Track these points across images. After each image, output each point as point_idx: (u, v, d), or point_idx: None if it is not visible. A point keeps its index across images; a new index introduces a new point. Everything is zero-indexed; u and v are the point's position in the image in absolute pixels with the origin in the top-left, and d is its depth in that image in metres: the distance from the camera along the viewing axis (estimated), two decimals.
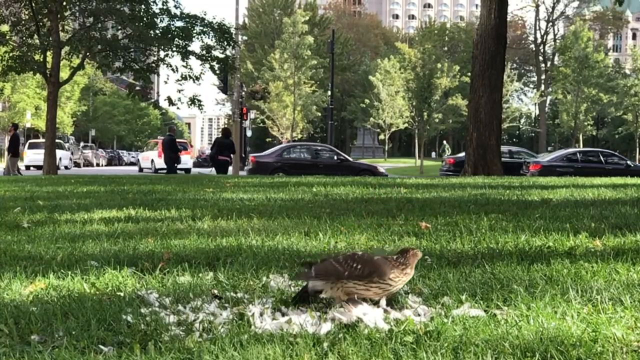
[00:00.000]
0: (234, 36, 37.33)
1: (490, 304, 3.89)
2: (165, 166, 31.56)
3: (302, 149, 37.22)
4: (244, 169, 46.25)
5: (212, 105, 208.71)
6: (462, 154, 41.39)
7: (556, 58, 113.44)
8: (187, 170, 49.04)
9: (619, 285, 4.30)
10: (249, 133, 68.05)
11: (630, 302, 3.89)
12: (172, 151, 30.29)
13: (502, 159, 27.92)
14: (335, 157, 35.43)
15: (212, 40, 34.34)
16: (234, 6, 61.16)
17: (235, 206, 9.67)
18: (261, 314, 3.73)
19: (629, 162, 36.64)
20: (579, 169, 32.73)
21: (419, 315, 3.71)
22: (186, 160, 50.66)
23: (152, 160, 53.16)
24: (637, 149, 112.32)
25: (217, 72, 36.35)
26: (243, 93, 64.54)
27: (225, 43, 34.81)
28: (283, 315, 3.74)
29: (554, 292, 4.10)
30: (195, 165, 65.37)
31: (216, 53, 34.84)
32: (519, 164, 35.89)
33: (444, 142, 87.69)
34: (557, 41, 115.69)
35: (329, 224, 7.45)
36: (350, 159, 37.49)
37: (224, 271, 4.86)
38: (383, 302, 3.81)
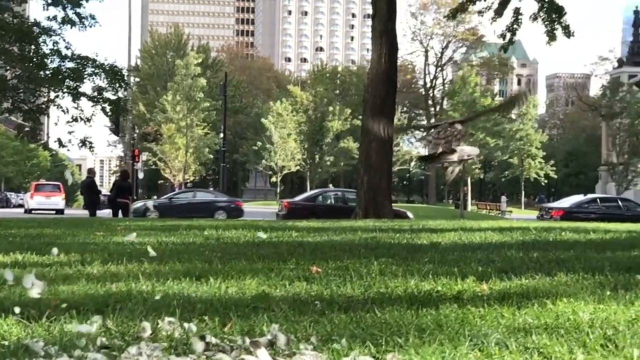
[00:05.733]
0: (125, 78, 37.09)
1: (380, 350, 3.92)
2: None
3: (335, 194, 39.44)
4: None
5: (103, 147, 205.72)
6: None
7: (445, 102, 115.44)
8: (60, 212, 50.46)
9: (505, 330, 4.39)
10: (140, 175, 67.52)
11: (516, 347, 3.97)
12: (93, 193, 29.84)
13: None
14: None
15: (103, 81, 34.07)
16: (126, 48, 60.72)
17: (126, 250, 9.55)
18: None
19: None
20: (600, 215, 33.75)
21: None
22: (57, 201, 52.99)
23: (27, 202, 55.20)
24: (522, 192, 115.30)
25: (109, 113, 36.05)
26: (135, 135, 64.14)
27: (117, 85, 34.57)
28: None
29: (442, 337, 4.15)
30: None
31: (108, 95, 34.59)
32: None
33: (330, 185, 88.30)
34: (446, 86, 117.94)
35: (220, 268, 7.42)
36: None
37: (113, 317, 4.79)
38: None
